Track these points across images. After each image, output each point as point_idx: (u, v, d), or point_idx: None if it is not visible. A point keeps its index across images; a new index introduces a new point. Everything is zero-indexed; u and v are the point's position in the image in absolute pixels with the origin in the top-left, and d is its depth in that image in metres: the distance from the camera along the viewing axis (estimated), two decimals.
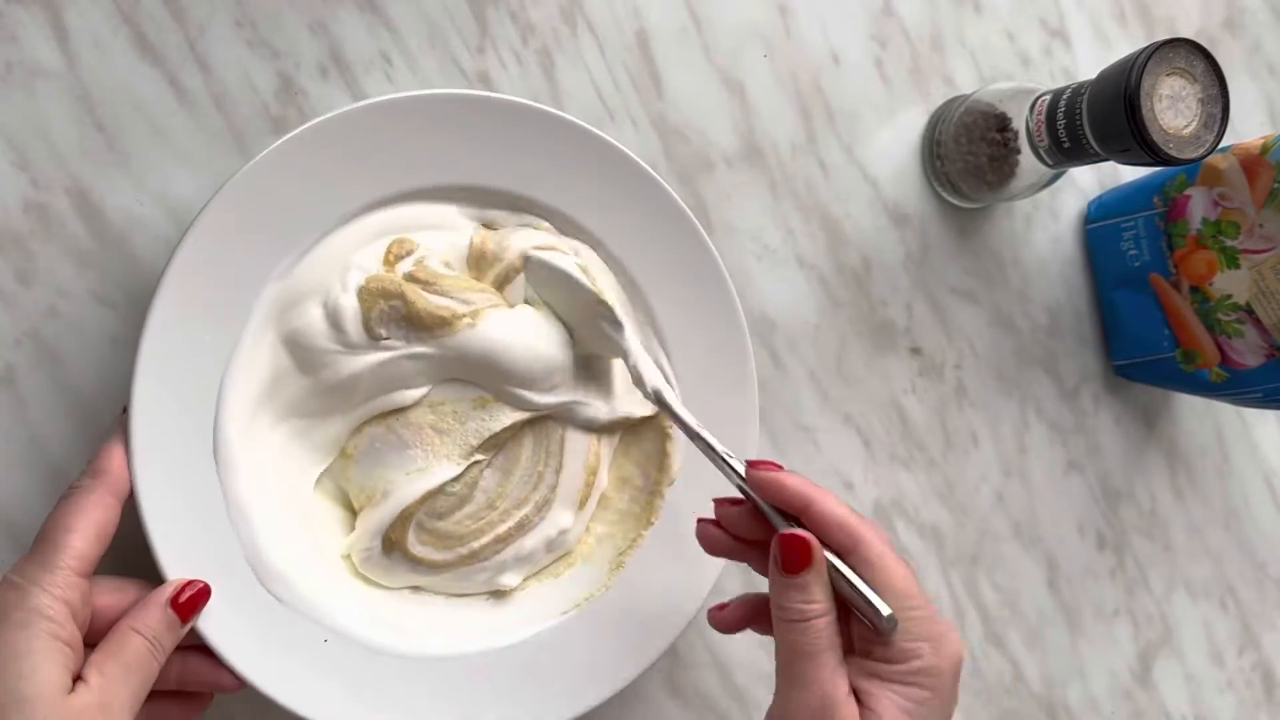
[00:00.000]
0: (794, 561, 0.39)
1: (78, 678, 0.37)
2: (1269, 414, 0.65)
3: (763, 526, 0.42)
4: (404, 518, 0.45)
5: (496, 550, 0.47)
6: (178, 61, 0.47)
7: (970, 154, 0.54)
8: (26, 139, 0.45)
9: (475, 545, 0.46)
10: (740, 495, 0.42)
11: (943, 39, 0.58)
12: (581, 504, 0.48)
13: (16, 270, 0.45)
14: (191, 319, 0.42)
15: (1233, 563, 0.64)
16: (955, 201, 0.57)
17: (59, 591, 0.37)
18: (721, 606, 0.44)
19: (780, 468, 0.41)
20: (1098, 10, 0.61)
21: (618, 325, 0.45)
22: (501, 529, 0.47)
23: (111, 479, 0.40)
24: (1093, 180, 0.61)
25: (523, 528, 0.47)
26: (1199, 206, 0.54)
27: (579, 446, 0.48)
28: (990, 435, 0.59)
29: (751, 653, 0.54)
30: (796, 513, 0.40)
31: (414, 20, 0.49)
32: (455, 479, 0.46)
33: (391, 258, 0.45)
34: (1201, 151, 0.47)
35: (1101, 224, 0.60)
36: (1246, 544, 0.65)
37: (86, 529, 0.39)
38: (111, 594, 0.40)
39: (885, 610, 0.38)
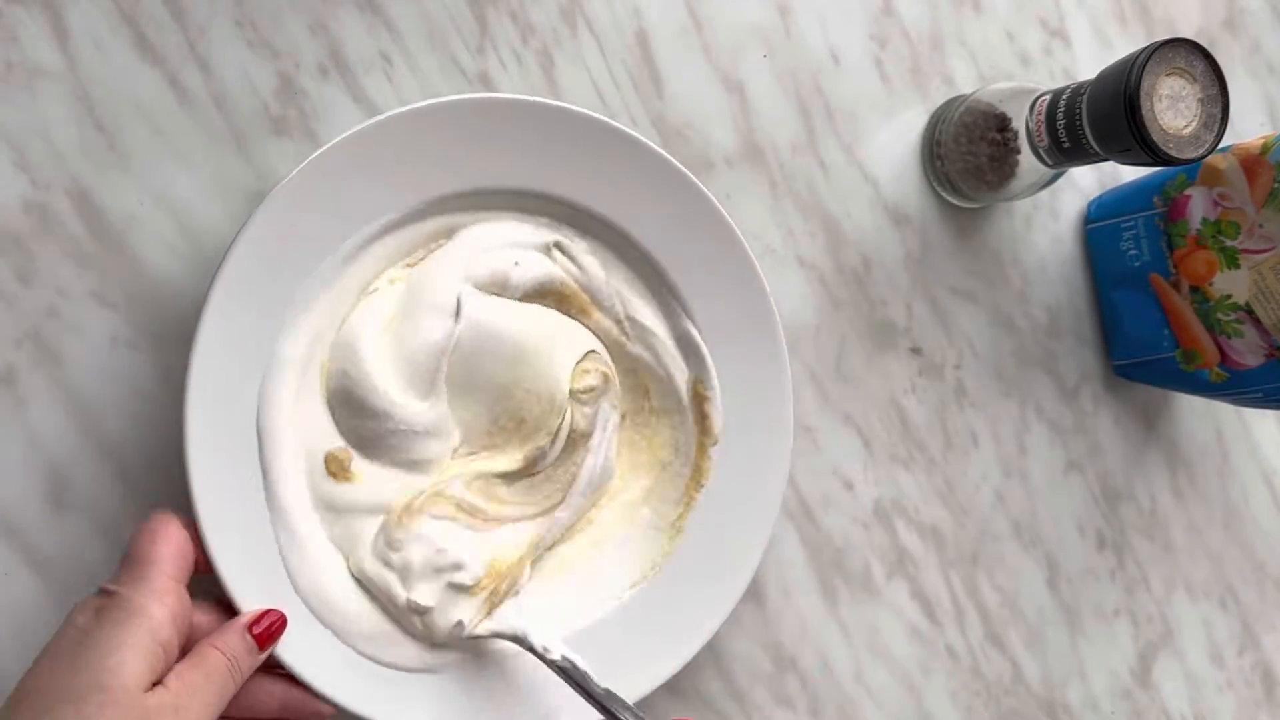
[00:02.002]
0: None
1: (159, 682, 0.38)
2: (1269, 414, 0.65)
3: None
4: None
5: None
6: (178, 61, 0.47)
7: (970, 154, 0.54)
8: (26, 139, 0.45)
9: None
10: None
11: (943, 39, 0.58)
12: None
13: (16, 270, 0.45)
14: (234, 348, 0.44)
15: (1233, 563, 0.64)
16: (955, 201, 0.57)
17: (159, 594, 0.39)
18: None
19: None
20: (1098, 10, 0.61)
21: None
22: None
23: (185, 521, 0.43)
24: (1093, 180, 0.61)
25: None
26: (1199, 206, 0.54)
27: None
28: (990, 435, 0.59)
29: (751, 653, 0.54)
30: None
31: (414, 20, 0.49)
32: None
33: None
34: (1201, 151, 0.47)
35: (1101, 224, 0.60)
36: (1246, 544, 0.65)
37: (171, 541, 0.41)
38: (207, 614, 0.42)
39: None
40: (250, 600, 0.43)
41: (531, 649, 0.46)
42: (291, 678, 0.44)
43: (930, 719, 0.57)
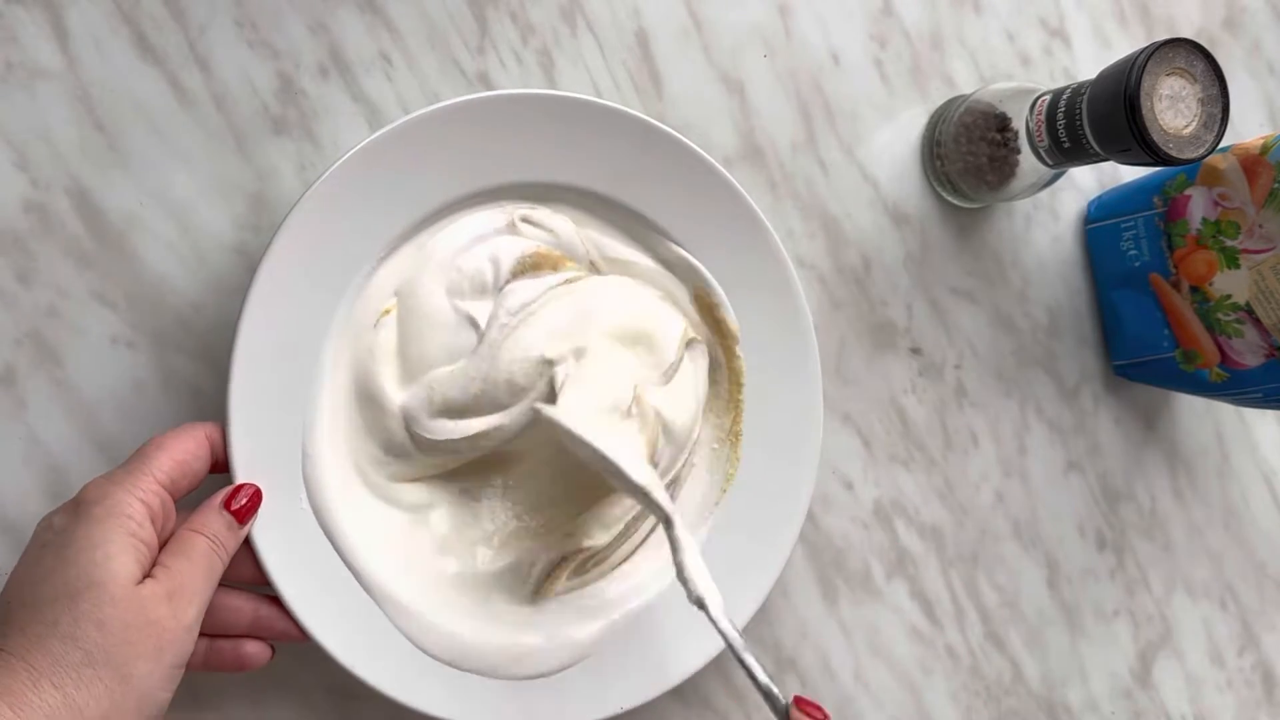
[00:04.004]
0: None
1: (147, 576, 0.39)
2: (1269, 414, 0.65)
3: None
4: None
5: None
6: (178, 61, 0.47)
7: (970, 154, 0.54)
8: (26, 139, 0.45)
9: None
10: None
11: (943, 39, 0.58)
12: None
13: (16, 270, 0.45)
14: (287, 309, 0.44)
15: (1233, 563, 0.64)
16: (955, 201, 0.57)
17: (140, 494, 0.39)
18: None
19: (824, 716, 0.42)
20: (1098, 10, 0.61)
21: (667, 522, 0.44)
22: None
23: (210, 431, 0.43)
24: (1093, 180, 0.61)
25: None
26: (1199, 206, 0.54)
27: None
28: (990, 435, 0.59)
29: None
30: None
31: (414, 20, 0.49)
32: None
33: None
34: (1201, 151, 0.47)
35: (1101, 224, 0.60)
36: (1246, 544, 0.65)
37: (176, 451, 0.41)
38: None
39: None
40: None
41: (704, 608, 0.43)
42: (264, 595, 0.44)
43: (930, 719, 0.57)
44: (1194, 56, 0.47)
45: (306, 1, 0.48)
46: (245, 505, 0.42)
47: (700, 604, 0.42)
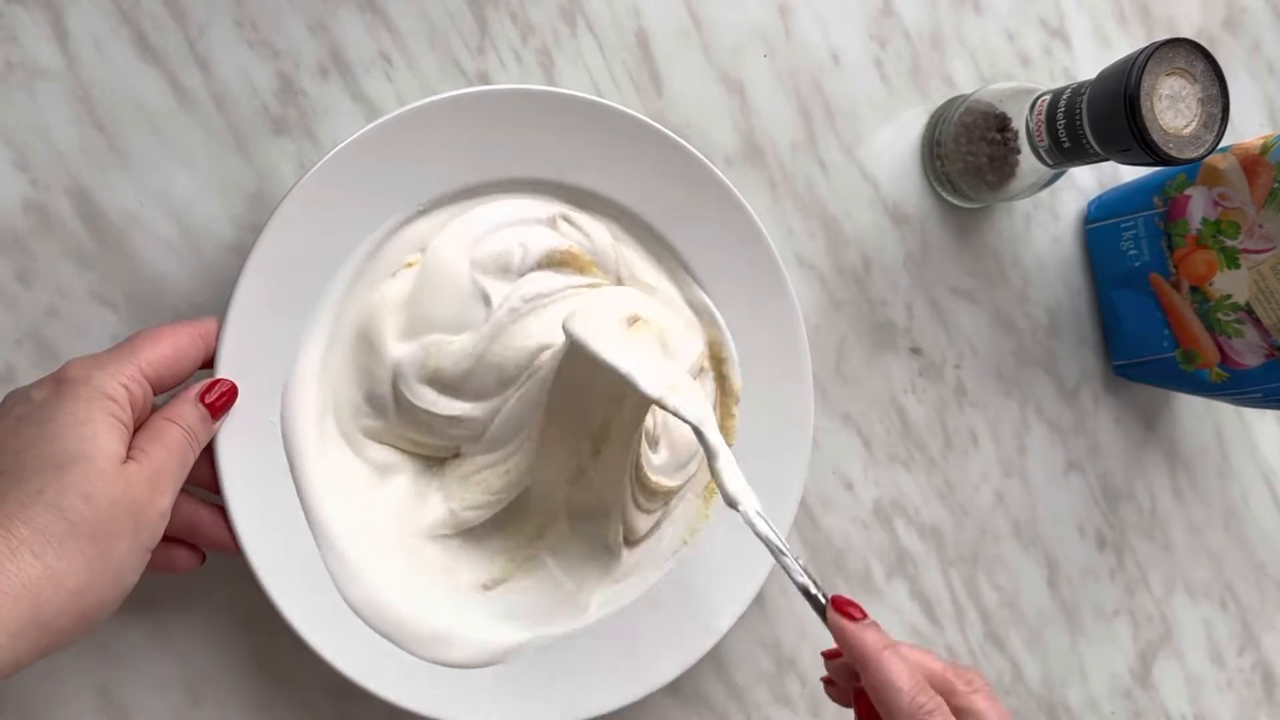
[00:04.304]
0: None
1: (128, 458, 0.38)
2: (1269, 414, 0.65)
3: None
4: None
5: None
6: (178, 61, 0.47)
7: (970, 154, 0.54)
8: (26, 139, 0.45)
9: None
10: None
11: (943, 39, 0.58)
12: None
13: (16, 270, 0.45)
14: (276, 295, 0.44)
15: (1233, 563, 0.64)
16: (955, 201, 0.57)
17: (123, 379, 0.39)
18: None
19: (862, 615, 0.42)
20: (1098, 10, 0.61)
21: (697, 431, 0.44)
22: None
23: (205, 329, 0.43)
24: (1093, 180, 0.61)
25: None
26: (1199, 206, 0.54)
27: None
28: (990, 435, 0.59)
29: (751, 653, 0.54)
30: (858, 670, 0.41)
31: (414, 20, 0.49)
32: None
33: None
34: (1201, 151, 0.47)
35: (1101, 224, 0.60)
36: (1246, 544, 0.65)
37: (165, 346, 0.41)
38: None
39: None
40: (299, 614, 0.44)
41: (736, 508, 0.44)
42: (205, 501, 0.43)
43: None
44: (1194, 56, 0.47)
45: (306, 1, 0.48)
46: (219, 400, 0.42)
47: (733, 504, 0.42)
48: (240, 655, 0.47)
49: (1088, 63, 0.61)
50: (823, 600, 0.42)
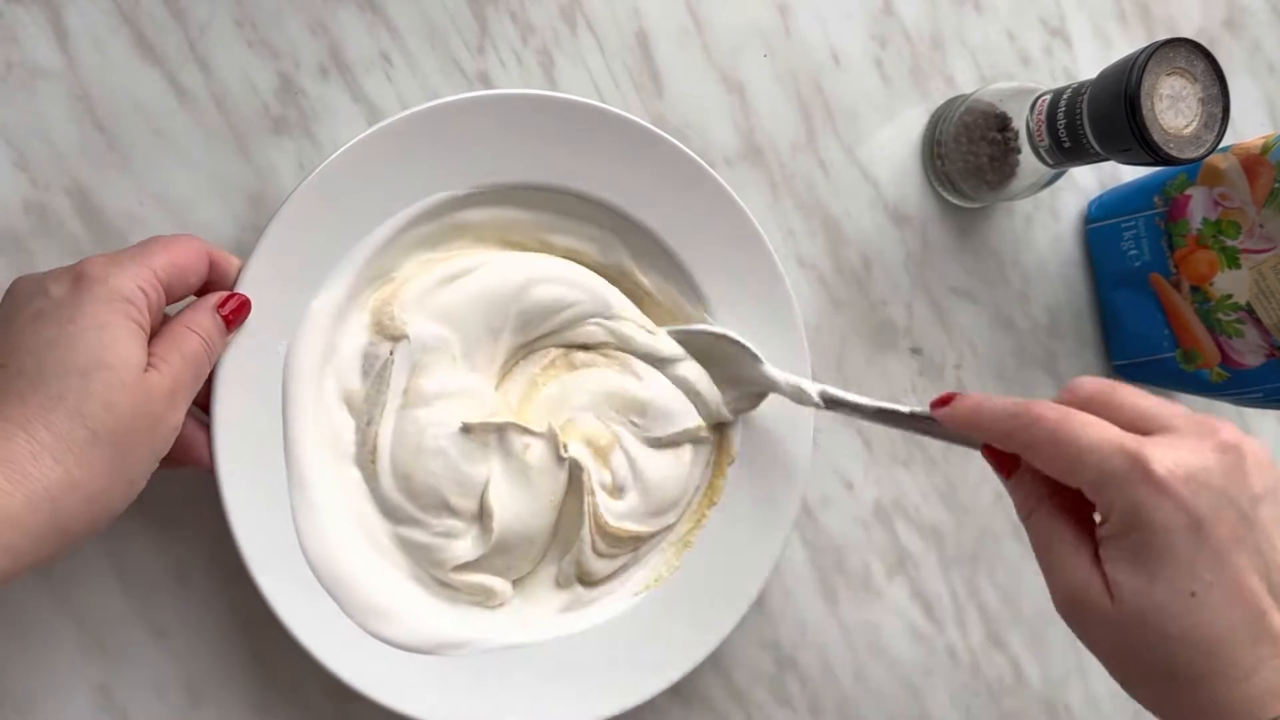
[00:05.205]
0: (1001, 469, 0.41)
1: (148, 366, 0.38)
2: (1269, 414, 0.65)
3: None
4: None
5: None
6: (178, 61, 0.47)
7: (970, 154, 0.54)
8: (26, 139, 0.45)
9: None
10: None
11: (943, 39, 0.58)
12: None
13: (17, 270, 0.45)
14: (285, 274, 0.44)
15: None
16: (955, 201, 0.57)
17: (141, 282, 0.38)
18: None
19: (952, 397, 0.41)
20: (1098, 10, 0.61)
21: (756, 358, 0.49)
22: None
23: (211, 249, 0.42)
24: (1093, 180, 0.61)
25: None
26: (1199, 206, 0.54)
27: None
28: None
29: (751, 652, 0.54)
30: (999, 437, 0.40)
31: (414, 20, 0.49)
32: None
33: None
34: (1202, 151, 0.47)
35: (1102, 224, 0.60)
36: None
37: (178, 255, 0.40)
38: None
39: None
40: (256, 554, 0.43)
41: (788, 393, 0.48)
42: (202, 423, 0.43)
43: (930, 719, 0.57)
44: (1194, 56, 0.47)
45: (306, 1, 0.48)
46: (235, 313, 0.42)
47: (826, 399, 0.47)
48: (240, 655, 0.47)
49: (1088, 63, 0.61)
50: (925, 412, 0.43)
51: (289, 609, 0.44)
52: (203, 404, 0.43)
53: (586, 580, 0.49)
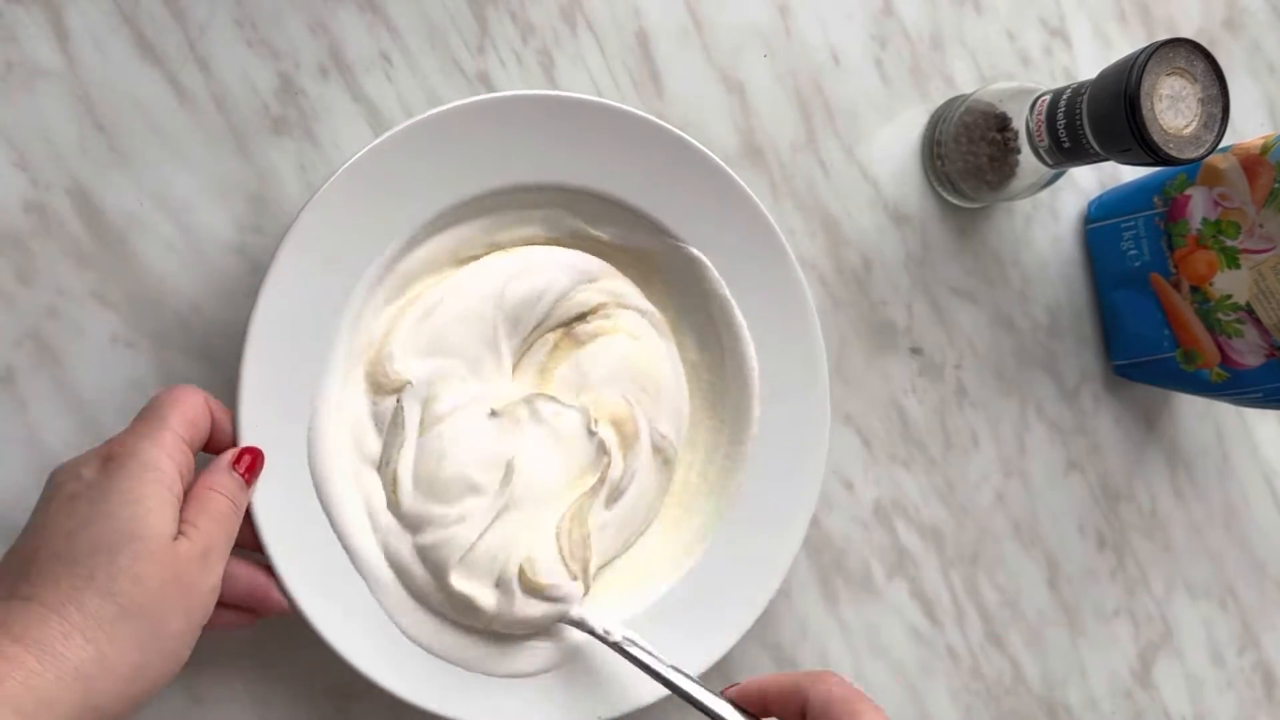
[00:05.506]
0: None
1: (179, 534, 0.39)
2: (1269, 414, 0.65)
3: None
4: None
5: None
6: (178, 61, 0.47)
7: (970, 154, 0.54)
8: (26, 139, 0.45)
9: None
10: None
11: (943, 39, 0.58)
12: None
13: (16, 270, 0.45)
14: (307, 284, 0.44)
15: (1233, 563, 0.64)
16: (955, 201, 0.57)
17: (168, 450, 0.39)
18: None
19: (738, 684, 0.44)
20: (1098, 10, 0.61)
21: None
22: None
23: (209, 399, 0.43)
24: (1093, 180, 0.61)
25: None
26: (1199, 206, 0.54)
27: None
28: (990, 435, 0.59)
29: (750, 653, 0.54)
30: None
31: (414, 20, 0.49)
32: None
33: None
34: (1202, 151, 0.47)
35: (1101, 224, 0.60)
36: (1246, 544, 0.65)
37: (188, 410, 0.41)
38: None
39: None
40: (287, 558, 0.44)
41: (591, 632, 0.46)
42: (256, 562, 0.44)
43: (930, 719, 0.57)
44: (1194, 56, 0.47)
45: (306, 1, 0.48)
46: (250, 466, 0.42)
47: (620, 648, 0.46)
48: (240, 655, 0.47)
49: (1088, 63, 0.61)
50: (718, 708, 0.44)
51: (318, 613, 0.44)
52: (248, 544, 0.43)
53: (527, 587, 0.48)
